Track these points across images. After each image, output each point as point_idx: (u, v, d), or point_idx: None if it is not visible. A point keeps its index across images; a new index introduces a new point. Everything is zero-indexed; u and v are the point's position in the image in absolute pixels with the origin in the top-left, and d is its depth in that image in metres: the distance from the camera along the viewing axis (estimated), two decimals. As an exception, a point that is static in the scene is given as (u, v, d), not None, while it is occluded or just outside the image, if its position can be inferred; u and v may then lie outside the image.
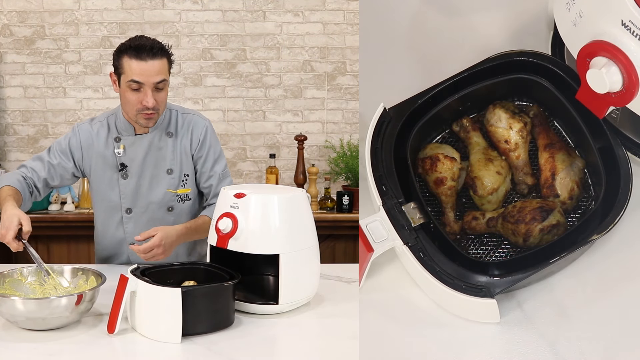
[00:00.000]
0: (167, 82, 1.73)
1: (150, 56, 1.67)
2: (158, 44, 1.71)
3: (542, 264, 1.19)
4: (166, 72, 1.72)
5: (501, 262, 1.27)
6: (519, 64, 1.33)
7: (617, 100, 1.15)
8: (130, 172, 1.82)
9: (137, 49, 1.68)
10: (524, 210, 1.26)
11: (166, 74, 1.72)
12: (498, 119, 1.34)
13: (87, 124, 1.85)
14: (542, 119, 1.35)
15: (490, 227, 1.30)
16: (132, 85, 1.69)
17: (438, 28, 1.48)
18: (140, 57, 1.67)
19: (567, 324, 1.20)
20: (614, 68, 1.11)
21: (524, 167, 1.34)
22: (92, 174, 1.84)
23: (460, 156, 1.34)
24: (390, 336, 1.21)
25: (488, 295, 1.18)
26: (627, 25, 1.08)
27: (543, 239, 1.25)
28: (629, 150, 1.29)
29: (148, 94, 1.69)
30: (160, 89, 1.71)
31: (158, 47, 1.70)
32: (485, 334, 1.20)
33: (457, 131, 1.38)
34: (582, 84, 1.19)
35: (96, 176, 1.83)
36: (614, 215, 1.21)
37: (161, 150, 1.82)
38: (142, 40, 1.71)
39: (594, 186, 1.32)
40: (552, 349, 1.17)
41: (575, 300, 1.22)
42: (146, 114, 1.72)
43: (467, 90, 1.33)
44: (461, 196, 1.36)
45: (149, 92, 1.69)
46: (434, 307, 1.24)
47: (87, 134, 1.83)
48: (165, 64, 1.72)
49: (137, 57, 1.67)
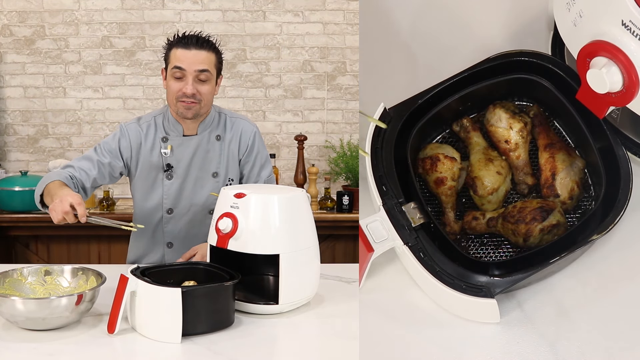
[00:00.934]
0: (211, 75, 1.74)
1: (195, 46, 1.71)
2: (206, 38, 1.74)
3: (542, 264, 1.19)
4: (211, 65, 1.73)
5: (501, 262, 1.27)
6: (519, 64, 1.33)
7: (617, 100, 1.15)
8: (176, 173, 1.82)
9: (184, 39, 1.72)
10: (524, 210, 1.26)
11: (211, 67, 1.73)
12: (498, 119, 1.34)
13: (135, 124, 1.84)
14: (542, 119, 1.35)
15: (491, 227, 1.30)
16: (175, 73, 1.71)
17: (438, 28, 1.48)
18: (186, 46, 1.71)
19: (567, 324, 1.19)
20: (614, 68, 1.11)
21: (524, 167, 1.34)
22: (138, 174, 1.83)
23: (461, 156, 1.34)
24: (390, 336, 1.21)
25: (488, 295, 1.18)
26: (627, 25, 1.08)
27: (543, 239, 1.25)
28: (629, 150, 1.29)
29: (189, 81, 1.71)
30: (203, 81, 1.73)
31: (206, 40, 1.74)
32: (485, 334, 1.20)
33: (457, 131, 1.38)
34: (582, 84, 1.19)
35: (141, 175, 1.83)
36: (614, 215, 1.21)
37: (208, 153, 1.83)
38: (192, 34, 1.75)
39: (594, 186, 1.32)
40: (552, 349, 1.17)
41: (575, 300, 1.22)
42: (185, 101, 1.72)
43: (467, 90, 1.33)
44: (461, 196, 1.36)
45: (190, 80, 1.71)
46: (434, 307, 1.24)
47: (136, 133, 1.82)
48: (212, 58, 1.74)
49: (183, 46, 1.71)
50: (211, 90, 1.76)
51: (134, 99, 3.31)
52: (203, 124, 1.81)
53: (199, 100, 1.73)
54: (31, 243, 3.07)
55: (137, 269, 1.32)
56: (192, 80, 1.71)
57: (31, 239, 3.06)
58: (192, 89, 1.70)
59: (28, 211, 2.97)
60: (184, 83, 1.71)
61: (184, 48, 1.70)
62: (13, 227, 3.00)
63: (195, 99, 1.72)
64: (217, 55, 1.76)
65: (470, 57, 1.35)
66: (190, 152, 1.81)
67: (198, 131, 1.81)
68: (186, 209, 1.84)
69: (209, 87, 1.74)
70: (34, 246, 3.07)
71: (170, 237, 1.84)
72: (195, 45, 1.70)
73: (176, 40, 1.73)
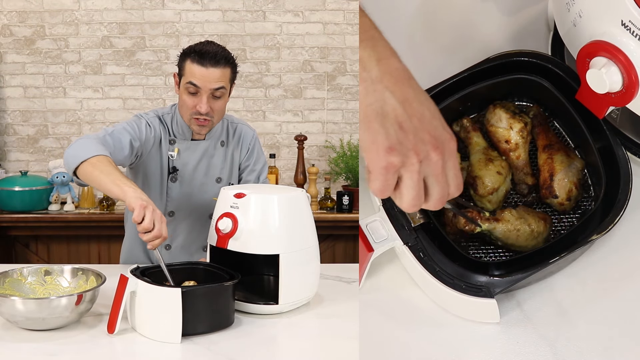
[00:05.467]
0: (225, 90, 1.71)
1: (212, 63, 1.65)
2: (223, 52, 1.69)
3: (542, 264, 1.19)
4: (226, 81, 1.70)
5: (501, 262, 1.27)
6: (519, 64, 1.33)
7: (617, 100, 1.15)
8: (181, 177, 1.81)
9: (200, 54, 1.66)
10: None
11: (226, 82, 1.69)
12: (498, 119, 1.34)
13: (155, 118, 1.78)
14: (542, 119, 1.35)
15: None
16: (190, 88, 1.67)
17: (438, 28, 1.48)
18: (202, 63, 1.65)
19: (567, 324, 1.19)
20: (614, 68, 1.11)
21: (524, 167, 1.34)
22: (144, 172, 1.80)
23: (461, 156, 1.34)
24: (390, 336, 1.21)
25: (488, 295, 1.18)
26: (627, 25, 1.08)
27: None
28: (629, 150, 1.29)
29: (203, 99, 1.68)
30: (218, 97, 1.70)
31: (222, 55, 1.68)
32: (485, 334, 1.20)
33: (457, 131, 1.38)
34: (582, 84, 1.19)
35: (146, 174, 1.80)
36: (614, 216, 1.21)
37: (213, 158, 1.83)
38: (208, 46, 1.69)
39: (593, 186, 1.32)
40: (552, 349, 1.17)
41: (575, 300, 1.22)
42: (199, 119, 1.71)
43: (467, 90, 1.33)
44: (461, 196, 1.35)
45: (204, 98, 1.68)
46: (434, 307, 1.24)
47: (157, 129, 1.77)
48: (227, 73, 1.70)
49: (199, 62, 1.65)
50: (224, 104, 1.74)
51: (134, 99, 3.31)
52: (212, 130, 1.82)
53: (211, 117, 1.72)
54: (31, 243, 3.07)
55: (137, 269, 1.32)
56: (207, 98, 1.68)
57: (31, 239, 3.06)
58: (206, 108, 1.68)
59: (28, 211, 2.97)
60: (198, 99, 1.68)
61: (199, 65, 1.65)
62: (13, 227, 3.01)
63: (209, 116, 1.71)
64: (232, 68, 1.72)
65: (470, 57, 1.35)
66: (197, 156, 1.81)
67: (206, 137, 1.81)
68: (188, 212, 1.84)
69: (222, 102, 1.72)
70: (34, 246, 3.07)
71: (169, 240, 1.84)
72: (211, 62, 1.65)
73: (192, 53, 1.67)
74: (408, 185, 0.95)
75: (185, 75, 1.68)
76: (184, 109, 1.72)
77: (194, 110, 1.69)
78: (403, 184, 0.96)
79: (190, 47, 1.71)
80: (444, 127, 0.97)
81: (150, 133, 1.74)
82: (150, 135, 1.74)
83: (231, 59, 1.71)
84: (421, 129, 0.94)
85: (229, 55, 1.71)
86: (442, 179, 0.97)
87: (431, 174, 0.96)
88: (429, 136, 0.95)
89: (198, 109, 1.68)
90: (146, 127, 1.74)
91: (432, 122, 0.96)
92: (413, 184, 0.95)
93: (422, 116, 0.95)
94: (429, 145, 0.94)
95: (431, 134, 0.95)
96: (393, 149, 0.92)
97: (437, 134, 0.95)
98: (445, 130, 0.97)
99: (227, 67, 1.69)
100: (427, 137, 0.94)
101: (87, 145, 1.53)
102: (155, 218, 1.34)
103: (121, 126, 1.70)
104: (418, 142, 0.94)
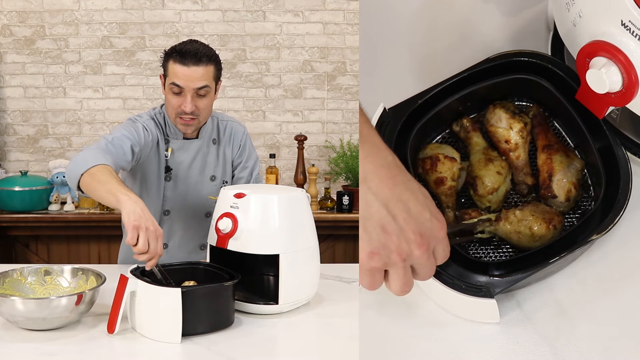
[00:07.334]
0: (210, 88, 1.70)
1: (193, 62, 1.65)
2: (204, 50, 1.68)
3: (542, 264, 1.19)
4: (210, 79, 1.69)
5: (501, 262, 1.27)
6: (519, 64, 1.33)
7: (616, 100, 1.15)
8: (175, 176, 1.81)
9: (182, 54, 1.66)
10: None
11: (209, 80, 1.69)
12: (498, 119, 1.34)
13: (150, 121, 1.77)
14: (541, 119, 1.35)
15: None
16: (174, 89, 1.68)
17: (438, 28, 1.48)
18: (184, 62, 1.65)
19: (567, 324, 1.19)
20: (614, 68, 1.11)
21: (524, 167, 1.34)
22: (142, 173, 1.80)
23: (461, 156, 1.34)
24: (390, 336, 1.21)
25: (488, 295, 1.18)
26: (627, 25, 1.08)
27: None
28: (629, 150, 1.29)
29: (187, 98, 1.68)
30: (202, 96, 1.69)
31: (204, 52, 1.67)
32: (485, 334, 1.20)
33: (457, 131, 1.38)
34: (581, 84, 1.19)
35: (144, 176, 1.81)
36: (614, 215, 1.21)
37: (206, 157, 1.83)
38: (190, 45, 1.68)
39: (593, 186, 1.32)
40: (552, 349, 1.17)
41: (575, 300, 1.22)
42: (184, 119, 1.71)
43: (467, 90, 1.33)
44: (461, 196, 1.36)
45: (189, 97, 1.68)
46: (434, 307, 1.24)
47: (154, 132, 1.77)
48: (211, 71, 1.69)
49: (181, 61, 1.65)
50: (210, 102, 1.74)
51: (134, 99, 3.31)
52: (204, 128, 1.82)
53: (197, 116, 1.72)
54: (31, 243, 3.07)
55: (137, 269, 1.32)
56: (191, 97, 1.68)
57: (31, 239, 3.06)
58: (191, 107, 1.68)
59: (28, 211, 2.97)
60: (183, 99, 1.68)
61: (181, 64, 1.65)
62: (13, 227, 3.01)
63: (194, 115, 1.71)
64: (216, 65, 1.71)
65: (470, 57, 1.35)
66: (190, 155, 1.81)
67: (199, 135, 1.81)
68: (183, 211, 1.84)
69: (208, 100, 1.72)
70: (33, 246, 3.07)
71: (165, 238, 1.84)
72: (193, 61, 1.65)
73: (174, 53, 1.67)
74: (394, 278, 1.02)
75: (169, 76, 1.69)
76: (170, 109, 1.73)
77: (179, 109, 1.70)
78: (390, 277, 1.02)
79: (172, 47, 1.70)
80: (432, 216, 1.01)
81: (149, 137, 1.74)
82: (148, 139, 1.74)
83: (214, 56, 1.71)
84: (406, 229, 0.98)
85: (212, 52, 1.70)
86: (429, 264, 1.03)
87: (416, 263, 1.02)
88: (414, 235, 0.98)
89: (183, 109, 1.69)
90: (144, 132, 1.73)
91: (419, 217, 0.99)
92: (399, 277, 1.02)
93: (407, 213, 0.98)
94: (413, 244, 0.99)
95: (416, 232, 0.99)
96: (375, 253, 0.98)
97: (423, 230, 0.99)
98: (434, 218, 1.01)
99: (210, 64, 1.69)
100: (412, 237, 0.98)
101: (86, 157, 1.52)
102: (150, 237, 1.28)
103: (120, 132, 1.68)
104: (402, 242, 0.98)
